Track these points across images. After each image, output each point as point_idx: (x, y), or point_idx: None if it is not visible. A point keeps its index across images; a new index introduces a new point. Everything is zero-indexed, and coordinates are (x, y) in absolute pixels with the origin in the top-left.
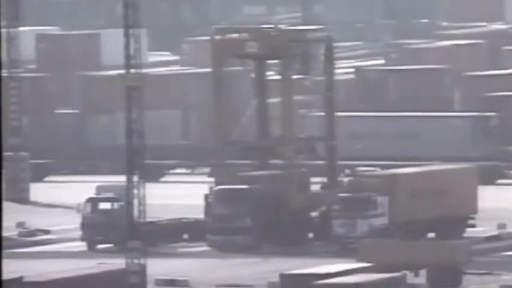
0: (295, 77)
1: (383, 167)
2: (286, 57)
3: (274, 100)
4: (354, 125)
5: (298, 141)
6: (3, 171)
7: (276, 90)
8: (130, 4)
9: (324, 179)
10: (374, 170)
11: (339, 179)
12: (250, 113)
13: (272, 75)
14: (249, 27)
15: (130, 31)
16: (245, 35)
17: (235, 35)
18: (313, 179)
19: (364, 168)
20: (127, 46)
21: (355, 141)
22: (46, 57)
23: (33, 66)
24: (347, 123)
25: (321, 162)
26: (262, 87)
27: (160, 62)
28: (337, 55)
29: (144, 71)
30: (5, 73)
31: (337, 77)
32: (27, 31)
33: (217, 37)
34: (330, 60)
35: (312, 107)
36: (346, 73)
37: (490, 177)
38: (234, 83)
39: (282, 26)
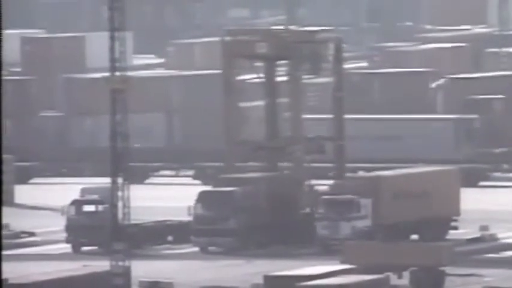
0: (304, 77)
1: (366, 169)
2: (296, 58)
3: (283, 100)
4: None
5: (307, 141)
6: None
7: (285, 90)
8: (116, 7)
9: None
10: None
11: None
12: (259, 113)
13: (282, 75)
14: (259, 29)
15: (116, 34)
16: (255, 36)
17: (245, 36)
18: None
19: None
20: (112, 49)
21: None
22: (31, 60)
23: (18, 69)
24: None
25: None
26: (271, 87)
27: (145, 64)
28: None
29: (129, 73)
30: None
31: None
32: (12, 34)
33: (228, 38)
34: (338, 60)
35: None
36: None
37: (472, 180)
38: (243, 84)
39: (292, 27)
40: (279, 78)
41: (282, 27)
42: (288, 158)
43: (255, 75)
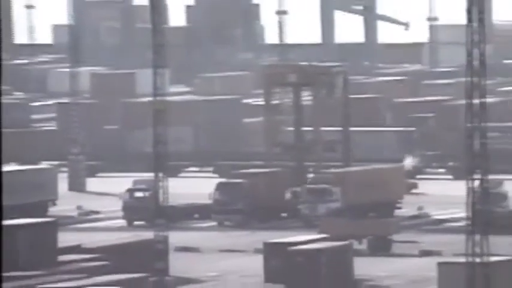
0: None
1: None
2: (316, 85)
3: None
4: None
5: (324, 143)
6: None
7: (307, 108)
8: (157, 51)
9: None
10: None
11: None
12: (288, 124)
13: (305, 97)
14: (290, 64)
15: (157, 70)
16: (287, 69)
17: (279, 69)
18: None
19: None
20: (154, 81)
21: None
22: (97, 89)
23: (87, 95)
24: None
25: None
26: (298, 106)
27: (178, 92)
28: None
29: (166, 98)
30: (69, 100)
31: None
32: (83, 70)
33: (267, 70)
34: (346, 87)
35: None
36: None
37: (412, 173)
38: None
39: (313, 63)
40: (304, 100)
41: (306, 63)
42: (310, 155)
43: (286, 98)
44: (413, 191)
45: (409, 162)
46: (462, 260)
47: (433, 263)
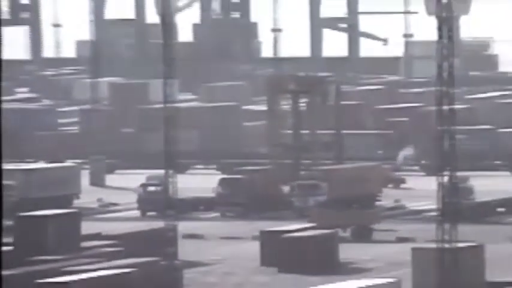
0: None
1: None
2: (312, 93)
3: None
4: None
5: (319, 143)
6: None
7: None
8: (168, 63)
9: None
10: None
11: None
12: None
13: (303, 103)
14: (290, 74)
15: (168, 80)
16: (287, 79)
17: (281, 79)
18: None
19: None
20: (165, 90)
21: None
22: (115, 96)
23: (106, 103)
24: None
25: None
26: (297, 111)
27: (185, 99)
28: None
29: (176, 105)
30: (90, 107)
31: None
32: (103, 81)
33: (270, 80)
34: (338, 94)
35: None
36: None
37: (396, 170)
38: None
39: (311, 73)
40: (301, 106)
41: (303, 74)
42: (307, 154)
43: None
44: (402, 185)
45: (400, 159)
46: (433, 245)
47: (408, 248)
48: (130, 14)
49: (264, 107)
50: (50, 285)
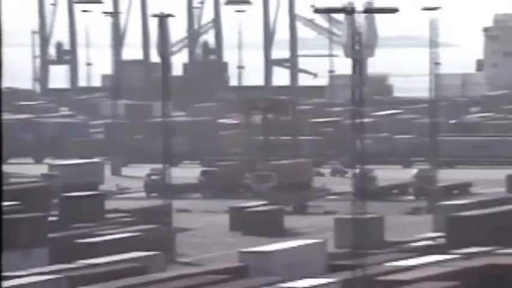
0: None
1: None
2: (275, 109)
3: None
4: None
5: (281, 145)
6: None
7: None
8: (165, 90)
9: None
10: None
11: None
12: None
13: (270, 117)
14: (260, 96)
15: (165, 102)
16: (258, 99)
17: (253, 101)
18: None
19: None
20: (163, 109)
21: None
22: (129, 114)
23: (122, 117)
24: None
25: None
26: (266, 123)
27: (178, 115)
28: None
29: (171, 119)
30: (111, 120)
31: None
32: (120, 102)
33: (245, 100)
34: (294, 111)
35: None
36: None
37: (317, 165)
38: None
39: (274, 96)
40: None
41: (269, 96)
42: (273, 152)
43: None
44: (320, 176)
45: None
46: (349, 216)
47: (332, 218)
48: (139, 55)
49: (233, 121)
50: (84, 244)
